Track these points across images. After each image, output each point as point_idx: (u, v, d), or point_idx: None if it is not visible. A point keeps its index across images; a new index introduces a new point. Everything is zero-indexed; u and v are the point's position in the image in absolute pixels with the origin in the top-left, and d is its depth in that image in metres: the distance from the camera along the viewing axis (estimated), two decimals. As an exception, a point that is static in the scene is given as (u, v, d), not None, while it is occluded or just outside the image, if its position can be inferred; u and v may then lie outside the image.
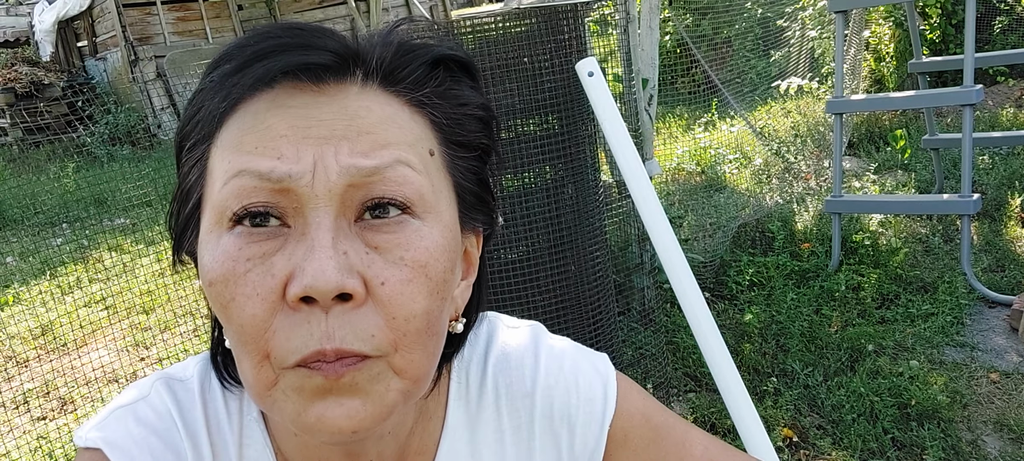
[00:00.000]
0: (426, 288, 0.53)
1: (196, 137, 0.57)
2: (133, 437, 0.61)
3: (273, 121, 0.53)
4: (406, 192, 0.53)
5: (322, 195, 0.51)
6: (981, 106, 6.31)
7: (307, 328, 0.50)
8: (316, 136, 0.52)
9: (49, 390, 3.73)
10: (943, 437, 2.66)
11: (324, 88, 0.54)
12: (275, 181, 0.51)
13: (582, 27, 2.51)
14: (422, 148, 0.56)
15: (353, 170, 0.52)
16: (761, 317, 3.42)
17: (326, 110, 0.53)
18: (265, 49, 0.54)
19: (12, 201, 7.38)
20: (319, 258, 0.49)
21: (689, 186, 5.44)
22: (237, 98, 0.54)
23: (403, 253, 0.53)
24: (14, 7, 13.23)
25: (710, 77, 6.01)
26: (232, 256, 0.52)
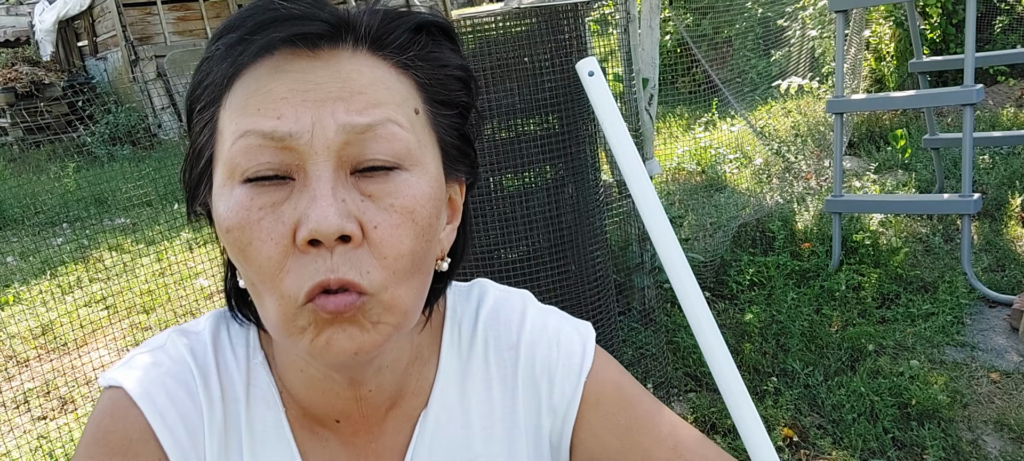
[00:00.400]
0: (413, 231, 0.61)
1: (205, 100, 0.64)
2: (151, 377, 0.68)
3: (274, 85, 0.59)
4: (395, 147, 0.60)
5: (321, 150, 0.58)
6: (982, 106, 6.31)
7: (314, 266, 0.58)
8: (313, 98, 0.59)
9: (49, 390, 3.73)
10: (943, 437, 2.66)
11: (319, 54, 0.60)
12: (277, 139, 0.58)
13: (582, 26, 2.51)
14: (408, 107, 0.63)
15: (349, 127, 0.59)
16: (761, 317, 3.42)
17: (321, 74, 0.60)
18: (265, 20, 0.60)
19: (12, 201, 7.38)
20: (321, 206, 0.57)
21: (689, 186, 5.44)
22: (242, 65, 0.61)
23: (392, 201, 0.60)
24: (14, 7, 13.24)
25: (710, 77, 6.01)
26: (245, 206, 0.59)
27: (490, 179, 2.44)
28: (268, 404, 0.71)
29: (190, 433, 0.68)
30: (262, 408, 0.71)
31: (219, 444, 0.69)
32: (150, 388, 0.67)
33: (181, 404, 0.68)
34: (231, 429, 0.70)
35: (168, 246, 5.59)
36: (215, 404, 0.69)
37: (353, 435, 0.73)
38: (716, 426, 2.83)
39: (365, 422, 0.73)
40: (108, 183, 7.70)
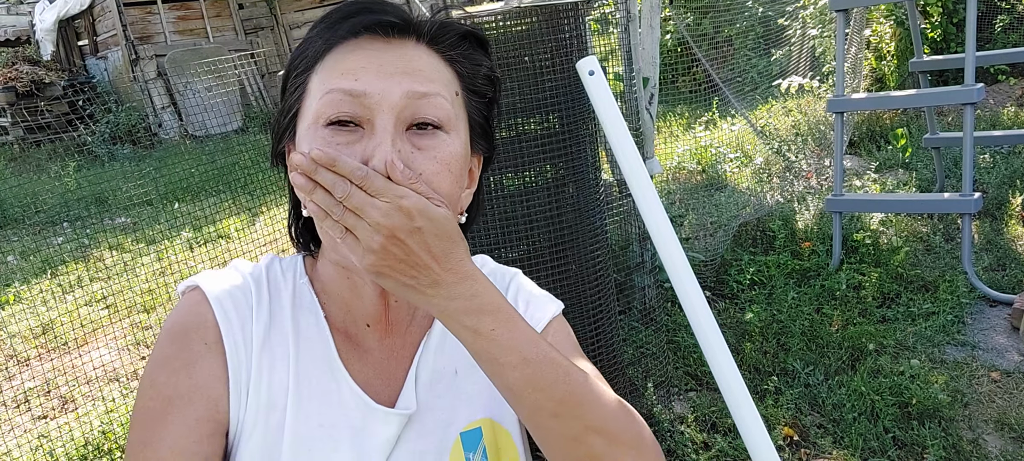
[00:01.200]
0: (449, 178, 0.81)
1: (301, 67, 0.84)
2: (218, 281, 0.89)
3: (356, 58, 0.81)
4: (440, 115, 0.81)
5: (387, 109, 0.79)
6: (982, 105, 6.31)
7: None
8: (385, 71, 0.80)
9: (50, 389, 3.73)
10: (944, 436, 2.65)
11: (391, 41, 0.82)
12: (355, 96, 0.79)
13: (583, 26, 2.51)
14: (451, 90, 0.85)
15: (411, 93, 0.80)
16: (762, 316, 3.42)
17: (390, 55, 0.82)
18: (354, 12, 0.82)
19: (13, 200, 7.38)
20: (384, 149, 0.76)
21: (690, 185, 5.43)
22: (332, 43, 0.82)
23: (436, 154, 0.80)
24: (15, 6, 13.24)
25: (711, 76, 6.01)
26: (327, 140, 0.79)
27: (491, 178, 2.44)
28: (311, 310, 0.90)
29: (241, 321, 0.87)
30: (306, 313, 0.90)
31: (263, 334, 0.88)
32: (214, 287, 0.88)
33: (236, 299, 0.88)
34: (275, 325, 0.89)
35: (168, 245, 5.60)
36: (263, 305, 0.89)
37: (379, 340, 0.92)
38: (717, 425, 2.83)
39: (390, 329, 0.92)
40: (108, 182, 7.70)
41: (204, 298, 0.87)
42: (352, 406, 0.87)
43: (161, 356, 0.85)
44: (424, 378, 0.92)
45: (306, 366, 0.87)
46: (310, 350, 0.88)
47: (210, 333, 0.85)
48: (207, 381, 0.84)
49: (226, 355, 0.85)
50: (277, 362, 0.87)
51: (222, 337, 0.85)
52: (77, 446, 3.11)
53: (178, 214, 6.31)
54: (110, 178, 8.05)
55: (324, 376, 0.87)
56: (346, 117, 0.79)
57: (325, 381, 0.87)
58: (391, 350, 0.92)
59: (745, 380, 1.65)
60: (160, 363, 0.85)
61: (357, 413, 0.87)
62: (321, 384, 0.87)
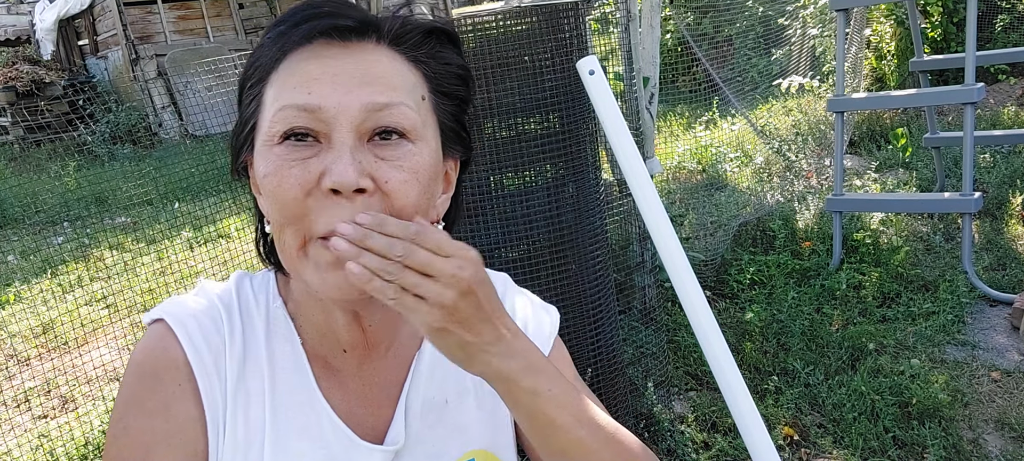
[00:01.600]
0: (417, 187, 0.75)
1: (255, 78, 0.79)
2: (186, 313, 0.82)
3: (310, 67, 0.74)
4: (404, 123, 0.75)
5: (344, 122, 0.72)
6: (982, 104, 6.31)
7: (337, 209, 0.72)
8: (341, 81, 0.73)
9: (50, 389, 3.73)
10: (944, 436, 2.65)
11: (348, 45, 0.76)
12: (309, 111, 0.73)
13: (583, 25, 2.51)
14: (417, 94, 0.78)
15: (370, 105, 0.73)
16: (762, 316, 3.42)
17: (347, 62, 0.75)
18: (307, 15, 0.75)
19: (13, 199, 7.38)
20: (343, 163, 0.71)
21: (690, 184, 5.43)
22: (286, 51, 0.76)
23: (401, 163, 0.74)
24: (15, 5, 13.23)
25: (711, 75, 6.01)
26: (281, 158, 0.74)
27: (490, 178, 2.43)
28: (286, 338, 0.85)
29: (214, 354, 0.81)
30: (281, 341, 0.84)
31: (238, 369, 0.81)
32: (183, 318, 0.81)
33: (206, 330, 0.82)
34: (250, 358, 0.83)
35: (169, 245, 5.59)
36: (236, 336, 0.83)
37: (358, 366, 0.86)
38: (717, 425, 2.83)
39: (369, 354, 0.86)
40: (109, 182, 7.70)
41: (171, 332, 0.80)
42: (333, 441, 0.82)
43: (132, 397, 0.79)
44: (414, 409, 0.86)
45: (283, 399, 0.82)
46: (287, 381, 0.83)
47: (182, 371, 0.79)
48: (185, 424, 0.78)
49: (201, 394, 0.79)
50: (252, 397, 0.81)
51: (194, 375, 0.79)
52: (77, 446, 3.11)
53: (178, 214, 6.31)
54: (110, 178, 8.05)
55: (303, 409, 0.82)
56: (301, 131, 0.73)
57: (304, 414, 0.82)
58: (372, 377, 0.87)
59: (745, 380, 1.65)
60: (132, 405, 0.78)
61: (339, 448, 0.82)
62: (300, 418, 0.82)
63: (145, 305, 4.55)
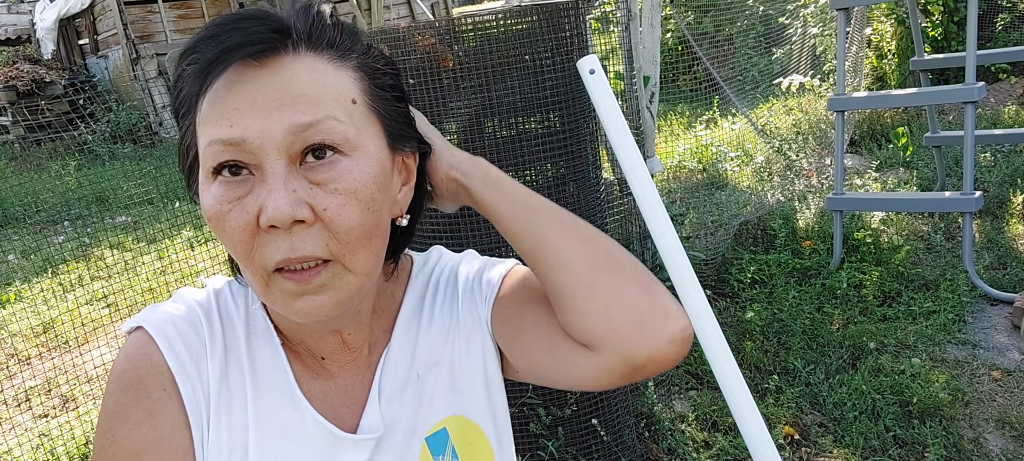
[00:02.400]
0: (358, 207, 0.72)
1: (183, 111, 0.75)
2: (164, 319, 0.81)
3: (229, 97, 0.70)
4: (334, 138, 0.71)
5: (271, 150, 0.69)
6: (983, 103, 6.30)
7: (276, 245, 0.70)
8: (261, 106, 0.69)
9: (51, 388, 3.73)
10: (945, 435, 2.65)
11: (265, 62, 0.70)
12: (233, 144, 0.69)
13: (583, 24, 2.50)
14: (346, 100, 0.73)
15: (294, 127, 0.69)
16: (763, 315, 3.42)
17: (268, 81, 0.70)
18: (217, 44, 0.70)
19: (14, 199, 7.38)
20: (275, 198, 0.68)
21: (691, 184, 5.43)
22: (204, 83, 0.71)
23: (337, 185, 0.71)
24: (15, 5, 13.23)
25: (712, 74, 6.00)
26: (218, 199, 0.71)
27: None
28: (266, 340, 0.84)
29: (195, 359, 0.80)
30: (261, 343, 0.84)
31: (219, 371, 0.80)
32: (162, 324, 0.80)
33: (186, 336, 0.80)
34: (231, 360, 0.82)
35: (169, 244, 5.59)
36: (216, 339, 0.81)
37: (339, 368, 0.86)
38: (717, 424, 2.83)
39: (350, 361, 0.86)
40: (109, 181, 7.70)
41: (151, 340, 0.79)
42: (317, 438, 0.82)
43: (117, 408, 0.77)
44: (387, 392, 0.87)
45: (266, 400, 0.81)
46: (268, 382, 0.82)
47: (165, 378, 0.78)
48: (172, 431, 0.77)
49: (184, 399, 0.78)
50: (235, 398, 0.80)
51: (176, 381, 0.78)
52: (78, 444, 3.11)
53: (179, 213, 6.31)
54: (111, 177, 8.05)
55: (285, 409, 0.82)
56: (232, 164, 0.70)
57: (287, 414, 0.81)
58: (354, 372, 0.87)
59: (746, 379, 1.65)
60: (117, 416, 0.77)
61: (323, 444, 0.82)
62: (283, 418, 0.81)
63: (145, 304, 4.54)
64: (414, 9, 12.46)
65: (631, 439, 2.64)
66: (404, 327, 0.90)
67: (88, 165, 9.28)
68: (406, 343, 0.89)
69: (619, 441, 2.59)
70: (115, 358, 0.80)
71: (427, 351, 0.89)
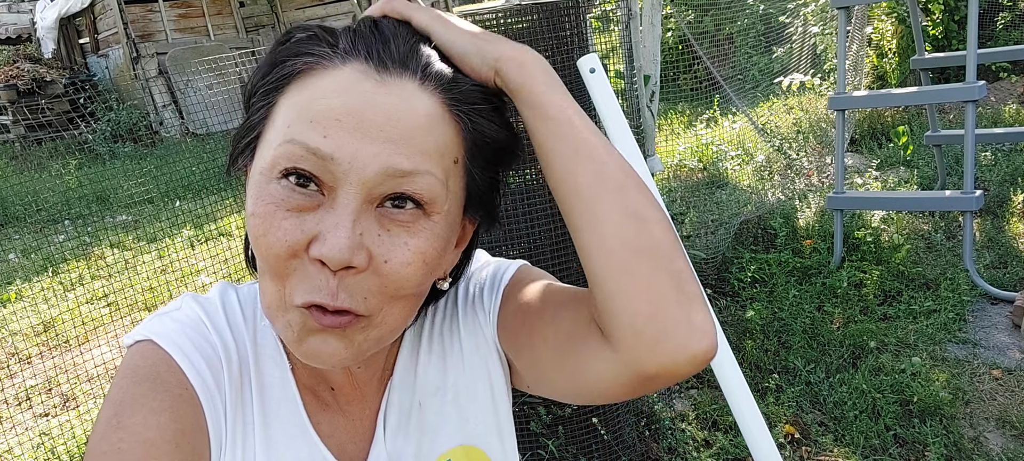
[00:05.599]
0: (422, 270, 0.66)
1: (269, 85, 0.67)
2: (173, 329, 0.72)
3: (333, 102, 0.62)
4: (424, 196, 0.64)
5: (355, 181, 0.62)
6: (984, 102, 6.30)
7: (318, 281, 0.63)
8: (364, 129, 0.62)
9: (51, 387, 3.73)
10: (945, 434, 2.65)
11: (385, 80, 0.63)
12: (319, 156, 0.61)
13: (584, 23, 2.50)
14: (448, 159, 0.66)
15: (391, 170, 0.62)
16: (763, 314, 3.42)
17: (380, 103, 0.62)
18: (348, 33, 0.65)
19: (14, 198, 7.38)
20: (338, 235, 0.61)
21: (691, 183, 5.43)
22: (311, 64, 0.64)
23: (408, 239, 0.64)
24: (16, 4, 13.23)
25: (712, 73, 6.00)
26: (276, 201, 0.63)
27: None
28: (275, 362, 0.77)
29: (214, 374, 0.72)
30: (269, 365, 0.77)
31: (235, 390, 0.73)
32: (174, 337, 0.71)
33: (203, 350, 0.72)
34: (245, 379, 0.75)
35: (170, 243, 5.60)
36: (231, 355, 0.74)
37: (347, 402, 0.80)
38: (718, 423, 2.83)
39: (357, 394, 0.81)
40: (110, 180, 7.70)
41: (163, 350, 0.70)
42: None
43: (126, 397, 0.67)
44: (392, 424, 0.81)
45: (275, 431, 0.75)
46: (277, 411, 0.76)
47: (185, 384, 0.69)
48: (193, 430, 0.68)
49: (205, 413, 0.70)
50: (247, 425, 0.74)
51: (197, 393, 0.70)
52: (78, 443, 3.12)
53: (179, 212, 6.31)
54: (111, 176, 8.05)
55: (295, 442, 0.76)
56: (305, 172, 0.62)
57: (296, 448, 0.76)
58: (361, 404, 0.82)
59: (746, 378, 1.65)
60: (127, 404, 0.66)
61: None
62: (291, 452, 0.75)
63: (146, 303, 4.55)
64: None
65: (631, 438, 2.64)
66: (406, 354, 0.84)
67: (88, 164, 9.28)
68: (408, 371, 0.84)
69: (619, 440, 2.59)
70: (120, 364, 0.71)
71: (428, 377, 0.84)
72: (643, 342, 0.66)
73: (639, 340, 0.66)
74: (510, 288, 0.83)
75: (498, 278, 0.84)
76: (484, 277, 0.86)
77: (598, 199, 0.68)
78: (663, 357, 0.66)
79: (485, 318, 0.84)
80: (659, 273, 0.67)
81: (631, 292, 0.66)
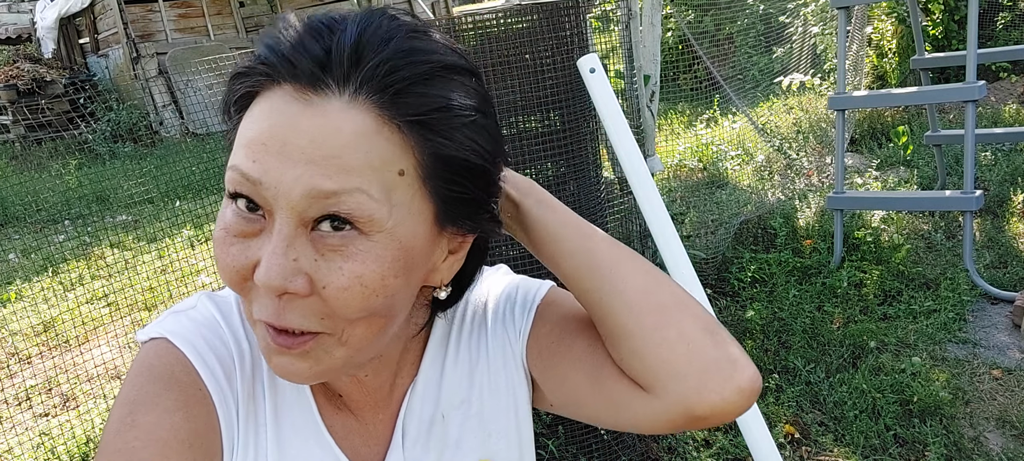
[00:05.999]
0: (361, 295, 0.62)
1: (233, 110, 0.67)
2: (188, 328, 0.73)
3: (263, 126, 0.61)
4: (356, 215, 0.60)
5: (284, 206, 0.60)
6: (984, 102, 6.30)
7: (265, 303, 0.63)
8: (288, 153, 0.59)
9: (51, 387, 3.73)
10: (945, 434, 2.65)
11: (312, 99, 0.60)
12: (251, 181, 0.61)
13: (584, 23, 2.50)
14: (389, 171, 0.61)
15: (315, 191, 0.59)
16: (763, 314, 3.42)
17: (303, 125, 0.59)
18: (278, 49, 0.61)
19: (14, 198, 7.38)
20: (271, 261, 0.60)
21: (691, 183, 5.43)
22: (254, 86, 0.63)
23: (342, 264, 0.61)
24: (16, 4, 13.23)
25: (712, 73, 6.00)
26: (227, 226, 0.63)
27: (491, 176, 2.44)
28: None
29: (227, 375, 0.72)
30: None
31: (247, 391, 0.74)
32: (189, 336, 0.72)
33: (217, 350, 0.73)
34: (257, 382, 0.75)
35: (170, 243, 5.59)
36: (245, 355, 0.74)
37: (360, 406, 0.79)
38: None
39: (370, 399, 0.80)
40: (110, 180, 7.70)
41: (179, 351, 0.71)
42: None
43: (141, 395, 0.68)
44: (411, 433, 0.81)
45: (288, 434, 0.75)
46: (290, 412, 0.75)
47: (199, 382, 0.70)
48: (207, 430, 0.69)
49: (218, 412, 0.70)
50: (260, 427, 0.74)
51: (210, 392, 0.70)
52: (78, 443, 3.12)
53: (179, 212, 6.31)
54: (111, 176, 8.05)
55: (308, 444, 0.75)
56: (243, 195, 0.62)
57: (309, 450, 0.75)
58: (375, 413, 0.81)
59: (746, 378, 1.65)
60: (140, 402, 0.67)
61: None
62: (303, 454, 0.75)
63: (146, 303, 4.55)
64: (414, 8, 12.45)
65: (631, 438, 2.64)
66: (430, 363, 0.83)
67: (88, 164, 9.28)
68: (431, 380, 0.82)
69: (619, 440, 2.59)
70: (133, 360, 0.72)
71: (453, 389, 0.83)
72: (688, 387, 0.69)
73: (684, 385, 0.69)
74: (542, 309, 0.83)
75: (530, 297, 0.85)
76: (514, 294, 0.86)
77: (618, 262, 0.74)
78: (712, 396, 0.68)
79: (515, 335, 0.84)
80: (687, 318, 0.71)
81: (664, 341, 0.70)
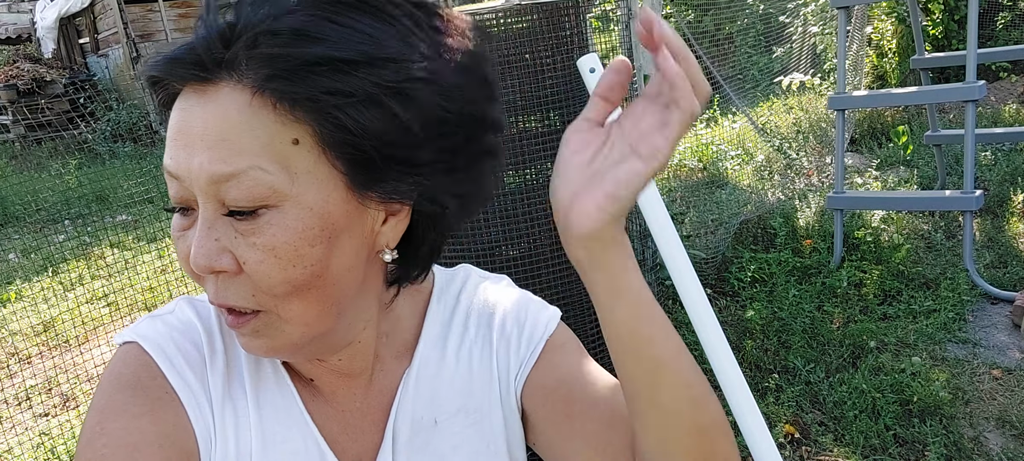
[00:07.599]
0: (277, 265, 0.63)
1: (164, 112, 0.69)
2: (160, 333, 0.75)
3: (174, 120, 0.64)
4: (255, 193, 0.61)
5: (199, 191, 0.63)
6: (984, 102, 6.30)
7: (207, 285, 0.67)
8: (190, 143, 0.62)
9: (51, 387, 3.73)
10: (945, 434, 2.65)
11: (206, 88, 0.62)
12: (171, 174, 0.64)
13: (584, 23, 2.50)
14: (281, 142, 0.61)
15: (213, 175, 0.61)
16: (763, 314, 3.42)
17: (199, 114, 0.62)
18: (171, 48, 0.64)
19: (14, 198, 7.39)
20: (196, 245, 0.63)
21: (691, 182, 5.43)
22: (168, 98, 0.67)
23: (255, 239, 0.63)
24: (16, 3, 13.23)
25: (712, 73, 6.00)
26: (174, 226, 0.68)
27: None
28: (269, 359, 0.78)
29: (197, 374, 0.74)
30: (263, 361, 0.78)
31: (223, 388, 0.75)
32: (159, 340, 0.74)
33: (186, 351, 0.74)
34: (234, 377, 0.76)
35: (170, 243, 5.59)
36: (218, 355, 0.75)
37: (340, 393, 0.79)
38: (717, 423, 2.83)
39: (345, 384, 0.79)
40: (110, 180, 7.70)
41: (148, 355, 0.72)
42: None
43: (109, 404, 0.70)
44: (403, 432, 0.79)
45: (271, 425, 0.75)
46: (272, 403, 0.76)
47: (166, 385, 0.72)
48: (175, 430, 0.70)
49: (187, 411, 0.72)
50: (240, 417, 0.75)
51: (178, 393, 0.72)
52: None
53: (179, 212, 6.30)
54: (111, 176, 8.05)
55: (291, 433, 0.76)
56: (176, 201, 0.66)
57: (292, 440, 0.76)
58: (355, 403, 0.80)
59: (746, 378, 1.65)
60: (109, 410, 0.69)
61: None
62: (288, 443, 0.76)
63: (146, 303, 4.55)
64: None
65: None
66: (424, 359, 0.82)
67: (88, 164, 9.28)
68: (425, 380, 0.81)
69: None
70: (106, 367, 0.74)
71: (449, 395, 0.82)
72: None
73: None
74: (549, 350, 0.84)
75: (539, 329, 0.84)
76: (523, 317, 0.85)
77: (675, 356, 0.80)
78: None
79: (516, 363, 0.84)
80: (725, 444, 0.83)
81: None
